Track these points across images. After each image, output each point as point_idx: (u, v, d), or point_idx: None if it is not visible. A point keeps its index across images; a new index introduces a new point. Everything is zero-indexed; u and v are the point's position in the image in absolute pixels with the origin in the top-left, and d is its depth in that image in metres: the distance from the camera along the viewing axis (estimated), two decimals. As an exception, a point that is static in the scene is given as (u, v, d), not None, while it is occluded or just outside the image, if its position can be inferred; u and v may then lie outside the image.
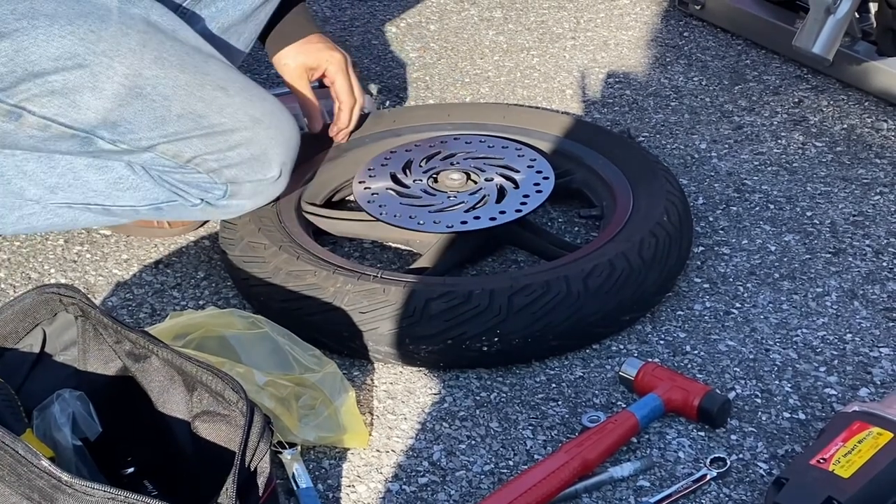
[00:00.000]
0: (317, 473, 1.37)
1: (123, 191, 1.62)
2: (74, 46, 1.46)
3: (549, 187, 1.73)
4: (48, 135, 1.52)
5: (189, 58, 1.54)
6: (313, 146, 1.81)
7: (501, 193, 1.72)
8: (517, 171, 1.76)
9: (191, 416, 1.20)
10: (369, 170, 1.79)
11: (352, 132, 1.86)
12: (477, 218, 1.68)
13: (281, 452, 1.35)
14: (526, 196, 1.71)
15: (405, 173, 1.78)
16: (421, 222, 1.68)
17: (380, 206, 1.71)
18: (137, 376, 1.24)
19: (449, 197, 1.72)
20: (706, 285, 1.69)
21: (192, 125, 1.54)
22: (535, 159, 1.80)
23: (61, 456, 1.20)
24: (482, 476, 1.37)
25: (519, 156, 1.81)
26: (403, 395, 1.50)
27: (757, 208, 1.88)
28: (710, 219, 1.85)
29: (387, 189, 1.75)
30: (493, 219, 1.68)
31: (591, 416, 1.42)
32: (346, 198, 1.88)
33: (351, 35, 2.47)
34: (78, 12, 1.46)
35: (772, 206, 1.88)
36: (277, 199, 1.68)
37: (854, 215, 1.85)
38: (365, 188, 1.76)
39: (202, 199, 1.62)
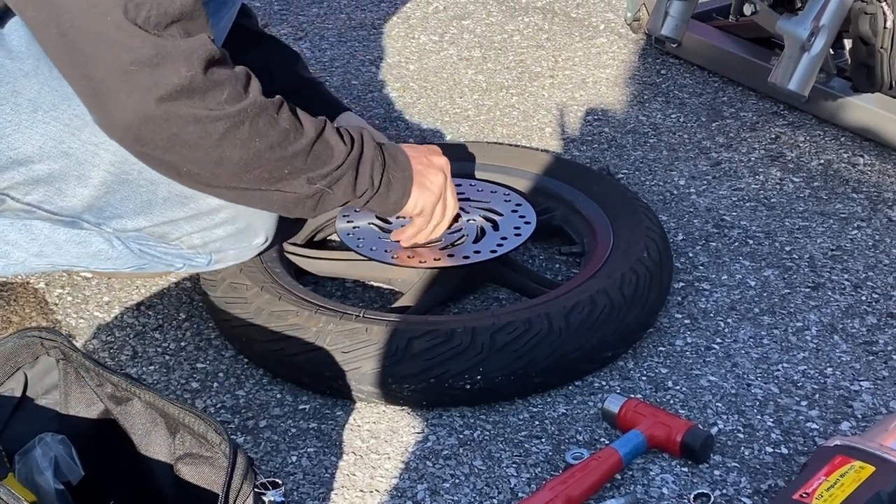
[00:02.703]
0: (300, 514, 1.37)
1: (104, 260, 1.62)
2: (59, 133, 1.42)
3: (528, 231, 1.73)
4: (32, 217, 1.51)
5: None
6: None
7: (481, 234, 1.73)
8: (500, 214, 1.77)
9: (173, 459, 1.20)
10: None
11: None
12: (451, 255, 1.68)
13: (264, 494, 1.34)
14: (504, 238, 1.72)
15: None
16: (395, 256, 1.68)
17: (358, 240, 1.72)
18: (119, 419, 1.23)
19: (428, 234, 1.73)
20: (687, 321, 1.70)
21: (178, 208, 1.52)
22: (520, 204, 1.81)
23: (43, 500, 1.19)
24: (466, 515, 1.37)
25: (505, 200, 1.81)
26: (387, 434, 1.50)
27: (736, 244, 1.89)
28: (690, 254, 1.86)
29: (369, 224, 1.76)
30: (466, 257, 1.68)
31: (575, 453, 1.42)
32: (328, 237, 1.89)
33: (331, 75, 2.48)
34: (62, 95, 1.42)
35: (751, 242, 1.89)
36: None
37: (832, 250, 1.87)
38: (348, 222, 1.76)
39: (185, 264, 1.63)
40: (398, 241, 1.68)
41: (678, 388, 1.57)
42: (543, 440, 1.48)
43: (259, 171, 1.39)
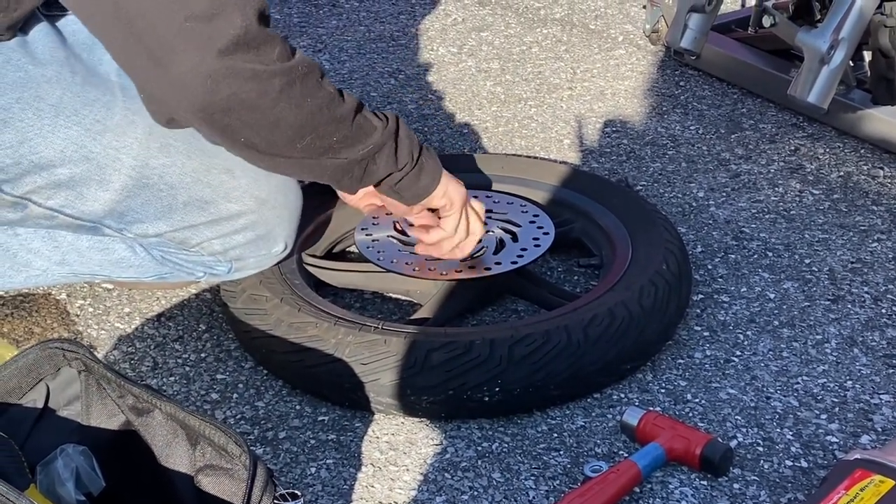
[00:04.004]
0: (319, 526, 1.37)
1: (126, 268, 1.63)
2: (80, 138, 1.44)
3: (547, 242, 1.74)
4: (54, 223, 1.52)
5: (195, 140, 1.50)
6: (313, 199, 1.82)
7: (500, 245, 1.73)
8: (518, 226, 1.78)
9: (194, 471, 1.20)
10: (373, 218, 1.80)
11: None
12: (472, 268, 1.69)
13: (284, 505, 1.35)
14: (524, 249, 1.72)
15: (407, 223, 1.79)
16: (416, 269, 1.69)
17: (378, 252, 1.73)
18: (141, 430, 1.24)
19: (448, 247, 1.73)
20: (706, 333, 1.70)
21: (198, 213, 1.54)
22: (537, 215, 1.81)
23: (64, 511, 1.20)
24: (485, 527, 1.37)
25: (522, 211, 1.82)
26: (405, 446, 1.50)
27: (755, 256, 1.88)
28: (709, 267, 1.86)
29: (387, 237, 1.76)
30: (487, 269, 1.69)
31: (594, 466, 1.42)
32: (347, 249, 1.89)
33: (350, 87, 2.49)
34: (84, 101, 1.44)
35: (770, 254, 1.89)
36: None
37: (852, 262, 1.86)
38: (366, 235, 1.77)
39: (206, 273, 1.63)
40: (422, 249, 1.68)
41: (697, 400, 1.57)
42: (562, 453, 1.48)
43: (311, 136, 1.40)
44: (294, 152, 1.41)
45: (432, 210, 1.62)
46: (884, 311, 1.74)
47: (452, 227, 1.62)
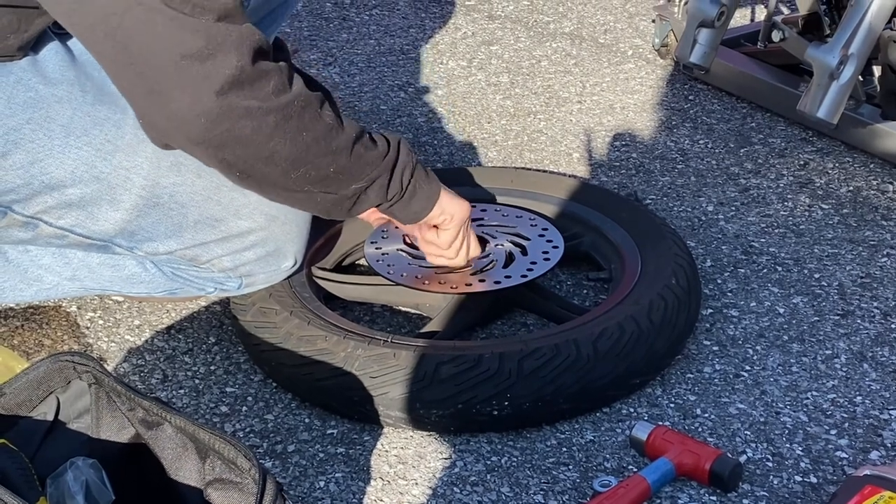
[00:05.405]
0: (328, 540, 1.37)
1: (136, 284, 1.64)
2: (91, 158, 1.44)
3: (557, 255, 1.74)
4: (64, 242, 1.52)
5: None
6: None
7: (510, 259, 1.74)
8: (528, 239, 1.78)
9: (203, 484, 1.20)
10: (382, 231, 1.80)
11: None
12: (482, 281, 1.69)
13: (292, 519, 1.35)
14: (533, 263, 1.72)
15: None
16: (426, 283, 1.69)
17: (388, 266, 1.73)
18: (150, 444, 1.24)
19: (458, 260, 1.73)
20: (715, 348, 1.70)
21: (208, 231, 1.54)
22: (546, 228, 1.81)
23: (74, 524, 1.20)
24: (494, 542, 1.37)
25: (532, 225, 1.82)
26: (414, 459, 1.50)
27: (765, 270, 1.88)
28: (719, 281, 1.86)
29: (397, 250, 1.77)
30: (497, 282, 1.69)
31: (603, 481, 1.42)
32: (356, 262, 1.90)
33: (360, 100, 2.50)
34: (94, 120, 1.44)
35: (779, 269, 1.89)
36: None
37: (862, 277, 1.86)
38: (376, 248, 1.77)
39: (216, 288, 1.64)
40: (420, 245, 1.69)
41: (707, 415, 1.56)
42: (571, 467, 1.48)
43: (306, 168, 1.40)
44: (289, 183, 1.42)
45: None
46: (893, 326, 1.74)
47: (447, 241, 1.63)
